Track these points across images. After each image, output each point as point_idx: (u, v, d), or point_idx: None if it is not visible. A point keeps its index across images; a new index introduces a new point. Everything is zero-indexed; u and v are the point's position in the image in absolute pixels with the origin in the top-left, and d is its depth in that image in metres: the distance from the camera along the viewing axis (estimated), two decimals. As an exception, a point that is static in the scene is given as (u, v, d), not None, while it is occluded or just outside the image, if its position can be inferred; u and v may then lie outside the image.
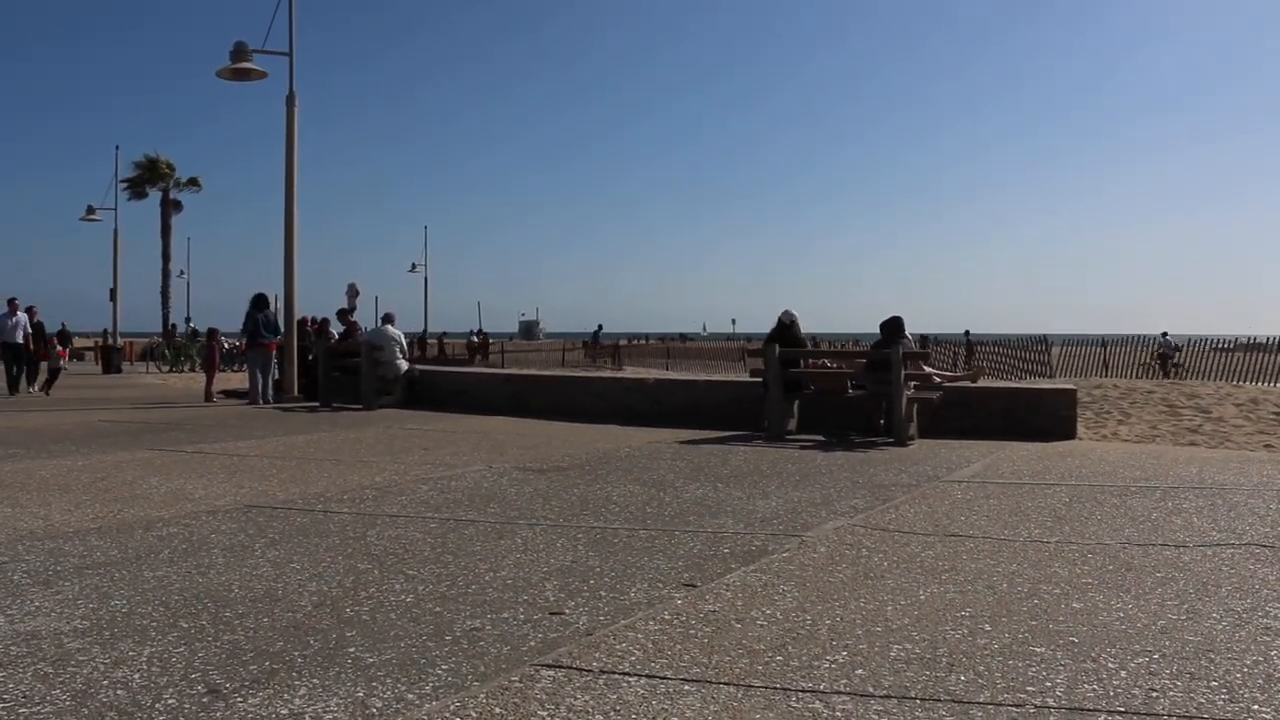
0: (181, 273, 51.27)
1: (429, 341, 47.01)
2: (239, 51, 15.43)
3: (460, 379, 14.94)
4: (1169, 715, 2.71)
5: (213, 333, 18.54)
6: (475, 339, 46.80)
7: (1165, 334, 33.25)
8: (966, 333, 37.27)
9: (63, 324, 26.65)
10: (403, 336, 15.16)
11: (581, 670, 3.06)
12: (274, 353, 15.39)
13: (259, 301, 15.69)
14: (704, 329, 52.25)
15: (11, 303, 17.92)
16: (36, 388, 18.08)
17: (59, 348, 20.65)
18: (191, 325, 42.97)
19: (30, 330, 18.00)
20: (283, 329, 15.64)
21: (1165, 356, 30.56)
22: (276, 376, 15.43)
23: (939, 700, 2.81)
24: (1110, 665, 3.11)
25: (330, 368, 14.73)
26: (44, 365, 18.51)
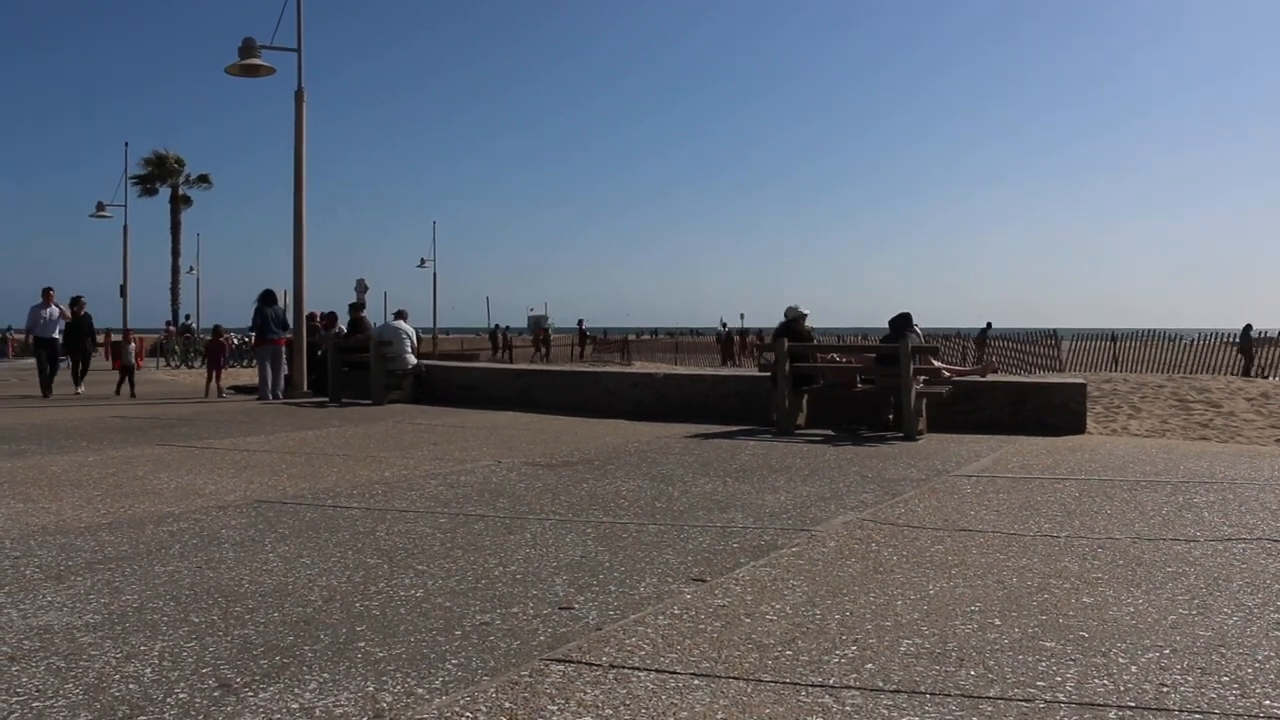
0: (191, 269, 51.47)
1: (496, 336, 47.22)
2: (247, 47, 15.47)
3: (468, 374, 14.95)
4: (1180, 710, 2.70)
5: (218, 330, 18.60)
6: (539, 333, 47.54)
7: (989, 324, 37.12)
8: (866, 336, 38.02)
9: None
10: (414, 332, 15.17)
11: (591, 665, 3.06)
12: (283, 348, 15.42)
13: (267, 297, 15.72)
14: (722, 324, 52.32)
15: (46, 293, 16.09)
16: (84, 388, 16.54)
17: (132, 344, 18.82)
18: (185, 320, 42.89)
19: (64, 324, 16.37)
20: (292, 324, 15.69)
21: (979, 343, 33.59)
22: (286, 372, 15.48)
23: (949, 695, 2.81)
24: (1121, 660, 3.10)
25: (339, 363, 14.76)
26: (81, 363, 16.78)
